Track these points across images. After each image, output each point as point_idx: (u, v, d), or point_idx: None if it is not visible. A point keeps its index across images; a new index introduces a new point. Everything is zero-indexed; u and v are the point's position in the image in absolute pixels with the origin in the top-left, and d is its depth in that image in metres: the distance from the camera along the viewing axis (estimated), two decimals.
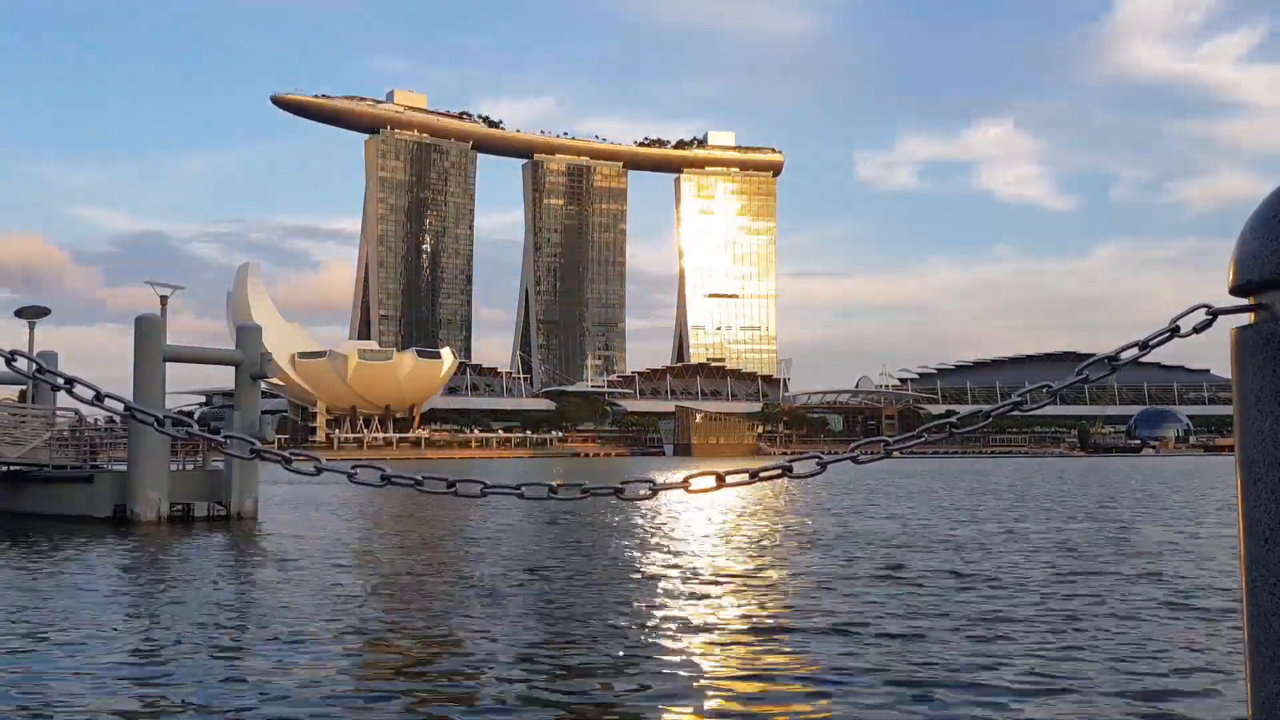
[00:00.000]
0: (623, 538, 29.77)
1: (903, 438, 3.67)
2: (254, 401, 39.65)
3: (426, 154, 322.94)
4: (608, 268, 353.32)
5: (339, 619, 16.18)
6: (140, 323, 37.39)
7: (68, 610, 17.08)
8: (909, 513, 40.20)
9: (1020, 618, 15.78)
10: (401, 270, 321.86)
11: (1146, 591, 18.65)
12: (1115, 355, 3.19)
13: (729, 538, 29.99)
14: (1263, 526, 2.38)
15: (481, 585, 20.18)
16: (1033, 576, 20.80)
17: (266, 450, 3.94)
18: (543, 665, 12.76)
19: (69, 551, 26.39)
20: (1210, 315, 2.85)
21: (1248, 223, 2.46)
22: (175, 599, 18.60)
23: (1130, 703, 10.83)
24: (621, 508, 39.24)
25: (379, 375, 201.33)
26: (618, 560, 24.21)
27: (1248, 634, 2.44)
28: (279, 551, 27.05)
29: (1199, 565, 22.69)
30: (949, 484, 67.52)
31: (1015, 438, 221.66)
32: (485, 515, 37.21)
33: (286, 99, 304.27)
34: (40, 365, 3.92)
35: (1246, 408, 2.43)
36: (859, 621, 15.41)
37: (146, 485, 35.30)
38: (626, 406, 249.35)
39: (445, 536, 30.49)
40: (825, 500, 47.08)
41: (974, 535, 30.40)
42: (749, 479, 3.73)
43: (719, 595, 18.65)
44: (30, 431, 37.71)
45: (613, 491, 3.78)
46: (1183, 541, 28.29)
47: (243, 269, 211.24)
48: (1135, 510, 41.58)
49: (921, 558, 24.38)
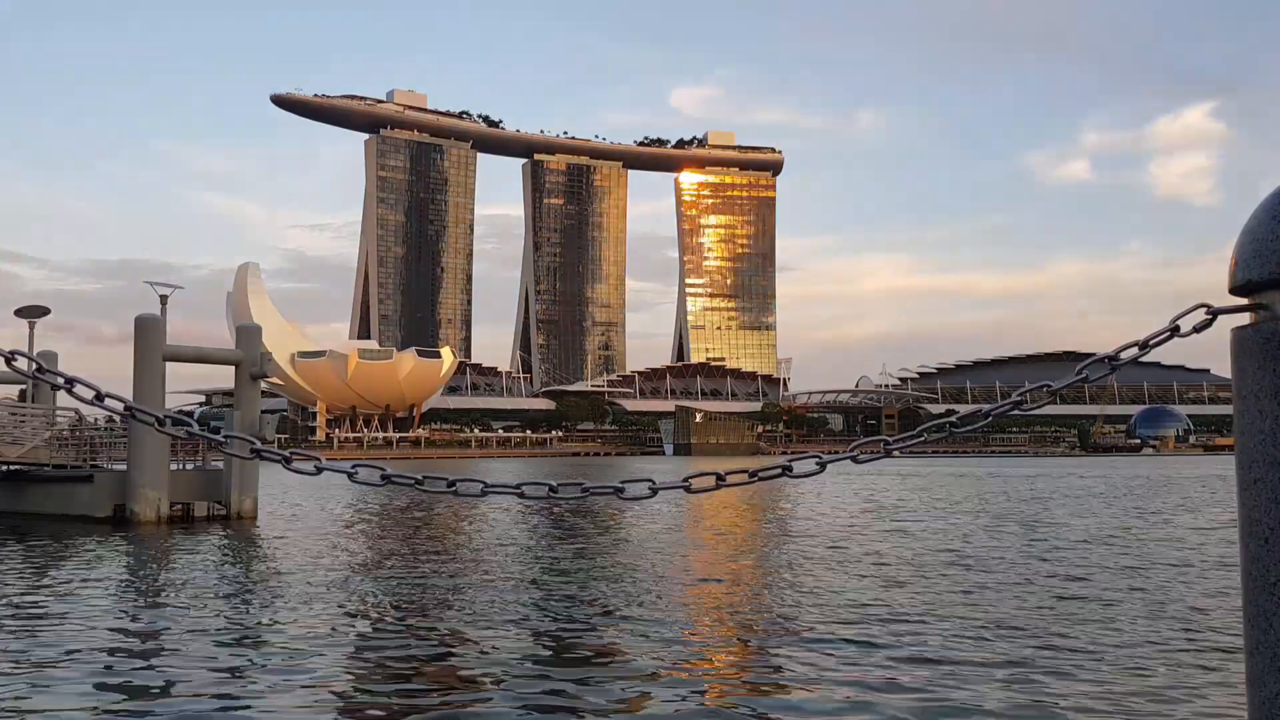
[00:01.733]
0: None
1: (902, 437, 3.67)
2: (254, 401, 39.63)
3: (426, 153, 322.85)
4: (608, 267, 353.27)
5: (339, 619, 16.17)
6: (140, 323, 37.36)
7: (67, 610, 17.07)
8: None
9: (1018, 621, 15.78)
10: (401, 270, 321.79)
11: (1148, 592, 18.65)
12: (1115, 355, 3.20)
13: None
14: (1262, 526, 2.38)
15: (482, 586, 20.16)
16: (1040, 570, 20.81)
17: (266, 450, 3.94)
18: (544, 667, 12.75)
19: (69, 551, 26.38)
20: (1210, 315, 2.85)
21: (1247, 223, 2.46)
22: (174, 599, 18.59)
23: (1130, 703, 10.83)
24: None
25: (379, 375, 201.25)
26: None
27: (1247, 634, 2.44)
28: (278, 551, 27.04)
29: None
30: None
31: (1015, 437, 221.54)
32: (486, 516, 37.21)
33: (286, 98, 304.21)
34: (40, 365, 3.92)
35: (1246, 407, 2.43)
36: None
37: (146, 485, 35.27)
38: (626, 406, 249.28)
39: (445, 536, 30.48)
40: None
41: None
42: (749, 479, 3.73)
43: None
44: (30, 431, 37.71)
45: (613, 491, 3.78)
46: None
47: (242, 269, 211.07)
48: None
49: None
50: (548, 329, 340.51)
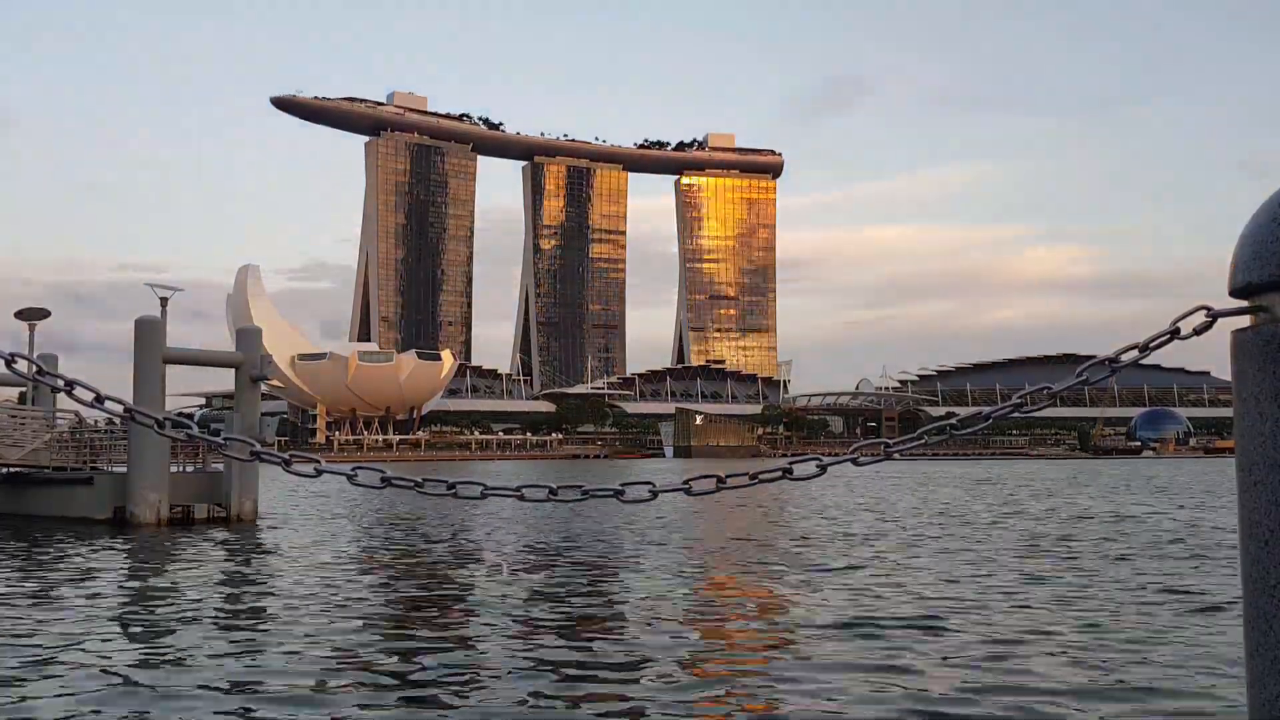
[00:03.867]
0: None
1: (902, 439, 3.67)
2: (254, 404, 39.64)
3: (427, 155, 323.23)
4: (608, 269, 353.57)
5: (339, 620, 16.17)
6: (140, 325, 37.36)
7: (66, 612, 17.06)
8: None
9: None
10: (401, 272, 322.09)
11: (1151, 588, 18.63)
12: (1115, 357, 3.20)
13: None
14: (1263, 528, 2.38)
15: (482, 587, 20.17)
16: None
17: (266, 452, 3.95)
18: (545, 668, 12.75)
19: (68, 553, 26.37)
20: (1210, 317, 2.86)
21: (1247, 225, 2.47)
22: (174, 601, 18.59)
23: (1131, 703, 10.83)
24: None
25: (379, 377, 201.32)
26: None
27: (1247, 635, 2.44)
28: (278, 553, 27.03)
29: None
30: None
31: (1015, 440, 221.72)
32: (486, 517, 37.21)
33: (287, 100, 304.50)
34: (40, 367, 3.92)
35: (1246, 410, 2.44)
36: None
37: (146, 487, 35.28)
38: (626, 408, 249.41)
39: (446, 538, 30.47)
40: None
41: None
42: (749, 480, 3.73)
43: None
44: (30, 433, 37.73)
45: (613, 494, 3.79)
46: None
47: (242, 271, 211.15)
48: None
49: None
50: (548, 331, 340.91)
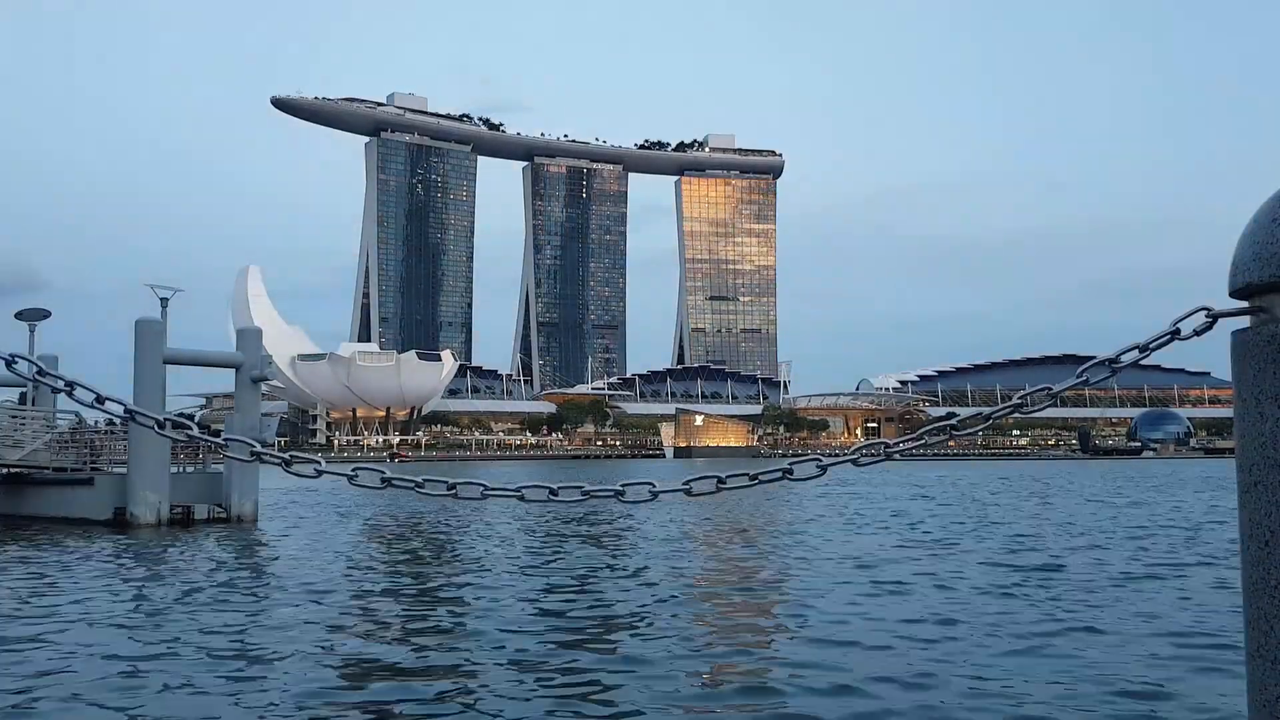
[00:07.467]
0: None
1: (903, 440, 3.67)
2: (254, 404, 39.65)
3: (427, 156, 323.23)
4: (608, 270, 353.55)
5: (339, 620, 16.17)
6: (140, 326, 37.37)
7: (65, 612, 17.06)
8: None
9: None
10: (402, 272, 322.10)
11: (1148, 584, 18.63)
12: (1115, 358, 3.20)
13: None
14: (1263, 529, 2.38)
15: (482, 587, 20.15)
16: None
17: (266, 453, 3.94)
18: (546, 670, 12.75)
19: (68, 554, 26.37)
20: (1210, 318, 2.86)
21: (1247, 225, 2.47)
22: (174, 601, 18.58)
23: (1129, 704, 10.82)
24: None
25: (379, 377, 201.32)
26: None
27: (1248, 636, 2.44)
28: (279, 554, 27.03)
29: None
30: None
31: (1016, 440, 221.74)
32: (486, 518, 37.21)
33: (287, 101, 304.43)
34: (41, 368, 3.92)
35: (1246, 410, 2.44)
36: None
37: (147, 488, 35.29)
38: (627, 409, 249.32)
39: (445, 537, 30.46)
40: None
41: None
42: (750, 481, 3.73)
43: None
44: (31, 434, 37.73)
45: (614, 494, 3.79)
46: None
47: (243, 272, 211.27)
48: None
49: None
50: (548, 332, 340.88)
